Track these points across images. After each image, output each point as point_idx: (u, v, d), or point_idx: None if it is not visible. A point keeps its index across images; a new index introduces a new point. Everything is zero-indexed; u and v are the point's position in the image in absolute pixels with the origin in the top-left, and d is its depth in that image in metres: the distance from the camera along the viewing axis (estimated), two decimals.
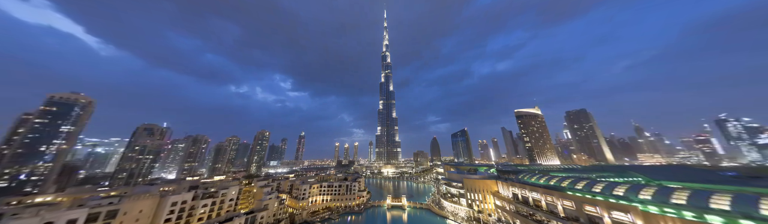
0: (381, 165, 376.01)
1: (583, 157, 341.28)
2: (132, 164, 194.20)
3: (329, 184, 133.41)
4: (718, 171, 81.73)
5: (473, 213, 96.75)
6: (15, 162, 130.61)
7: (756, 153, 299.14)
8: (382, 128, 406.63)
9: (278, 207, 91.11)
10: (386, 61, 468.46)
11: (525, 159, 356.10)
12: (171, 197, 66.63)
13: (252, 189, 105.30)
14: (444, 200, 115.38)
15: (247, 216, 74.11)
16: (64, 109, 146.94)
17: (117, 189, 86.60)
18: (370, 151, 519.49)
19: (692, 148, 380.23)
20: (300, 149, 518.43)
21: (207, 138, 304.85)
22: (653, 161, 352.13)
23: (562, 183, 62.95)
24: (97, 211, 54.33)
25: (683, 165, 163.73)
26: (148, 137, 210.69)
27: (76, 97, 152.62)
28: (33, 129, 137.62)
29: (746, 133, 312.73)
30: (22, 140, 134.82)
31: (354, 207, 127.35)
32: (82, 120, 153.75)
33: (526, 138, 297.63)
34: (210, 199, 76.27)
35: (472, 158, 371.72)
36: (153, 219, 63.70)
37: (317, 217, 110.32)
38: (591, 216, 52.76)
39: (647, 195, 46.56)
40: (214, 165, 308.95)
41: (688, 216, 40.15)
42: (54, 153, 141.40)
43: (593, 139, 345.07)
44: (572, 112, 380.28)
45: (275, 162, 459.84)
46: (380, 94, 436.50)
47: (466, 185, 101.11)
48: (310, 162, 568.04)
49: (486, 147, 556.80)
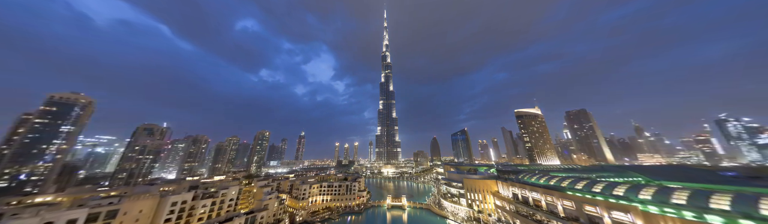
0: (381, 165, 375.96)
1: (583, 157, 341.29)
2: (132, 164, 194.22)
3: (329, 184, 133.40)
4: (718, 171, 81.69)
5: (473, 213, 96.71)
6: (15, 162, 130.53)
7: (756, 153, 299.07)
8: (382, 128, 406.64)
9: (278, 207, 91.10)
10: (386, 61, 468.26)
11: (525, 159, 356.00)
12: (171, 197, 66.61)
13: (252, 189, 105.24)
14: (444, 200, 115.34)
15: (247, 216, 74.08)
16: (64, 109, 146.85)
17: (117, 189, 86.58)
18: (370, 151, 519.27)
19: (692, 148, 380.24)
20: (300, 149, 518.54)
21: (207, 138, 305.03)
22: (653, 161, 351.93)
23: (562, 183, 62.94)
24: (97, 211, 54.32)
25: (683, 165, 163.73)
26: (148, 137, 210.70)
27: (76, 97, 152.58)
28: (33, 129, 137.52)
29: (746, 133, 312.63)
30: (22, 140, 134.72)
31: (354, 207, 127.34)
32: (82, 120, 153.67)
33: (526, 138, 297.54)
34: (210, 199, 76.25)
35: (472, 158, 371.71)
36: (153, 219, 63.67)
37: (317, 217, 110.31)
38: (591, 216, 52.73)
39: (647, 195, 46.56)
40: (214, 165, 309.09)
41: (688, 216, 40.15)
42: (54, 153, 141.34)
43: (593, 139, 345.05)
44: (572, 111, 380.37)
45: (275, 162, 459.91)
46: (380, 93, 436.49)
47: (466, 185, 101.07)
48: (310, 162, 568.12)
49: (486, 147, 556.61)
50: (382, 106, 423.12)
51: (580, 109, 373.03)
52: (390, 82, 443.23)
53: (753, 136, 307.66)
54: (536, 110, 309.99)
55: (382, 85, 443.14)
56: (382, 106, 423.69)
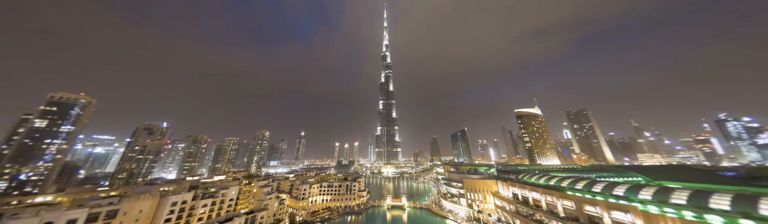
0: (381, 165, 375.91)
1: (583, 157, 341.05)
2: (132, 164, 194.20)
3: (329, 184, 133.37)
4: (718, 171, 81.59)
5: (473, 213, 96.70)
6: (15, 162, 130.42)
7: (756, 153, 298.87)
8: (382, 128, 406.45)
9: (278, 207, 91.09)
10: (386, 60, 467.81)
11: (525, 159, 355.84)
12: (171, 197, 66.53)
13: (252, 189, 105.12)
14: (444, 200, 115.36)
15: (247, 216, 74.05)
16: (64, 109, 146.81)
17: (117, 189, 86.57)
18: (370, 151, 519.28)
19: (692, 148, 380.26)
20: (300, 149, 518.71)
21: (207, 138, 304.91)
22: (653, 161, 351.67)
23: (562, 183, 62.94)
24: (97, 211, 54.25)
25: (683, 165, 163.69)
26: (148, 137, 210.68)
27: (76, 97, 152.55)
28: (33, 129, 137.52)
29: (746, 133, 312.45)
30: (22, 140, 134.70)
31: (354, 207, 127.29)
32: (82, 120, 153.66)
33: (526, 138, 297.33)
34: (210, 199, 76.18)
35: (472, 158, 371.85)
36: (153, 219, 63.60)
37: (317, 217, 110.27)
38: (591, 216, 52.75)
39: (647, 195, 46.56)
40: (214, 165, 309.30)
41: (688, 216, 40.16)
42: (54, 153, 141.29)
43: (593, 139, 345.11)
44: (572, 111, 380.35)
45: (275, 162, 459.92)
46: (380, 93, 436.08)
47: (466, 185, 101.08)
48: (310, 162, 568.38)
49: (486, 147, 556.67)
50: (382, 106, 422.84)
51: (580, 108, 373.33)
52: (390, 82, 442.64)
53: (753, 136, 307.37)
54: (536, 110, 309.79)
55: (382, 85, 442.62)
56: (382, 106, 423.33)
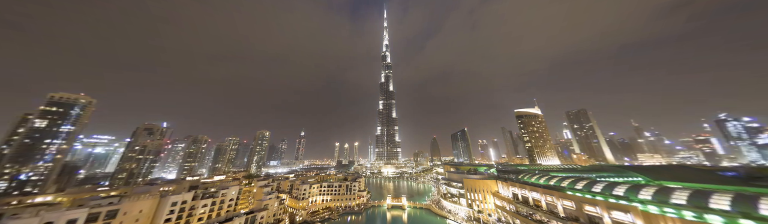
0: (381, 165, 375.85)
1: (583, 157, 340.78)
2: (132, 164, 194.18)
3: (329, 184, 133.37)
4: (718, 171, 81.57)
5: (473, 213, 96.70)
6: (15, 162, 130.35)
7: (756, 153, 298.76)
8: (382, 128, 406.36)
9: (278, 207, 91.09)
10: (386, 60, 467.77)
11: (525, 159, 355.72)
12: (171, 197, 66.54)
13: (252, 189, 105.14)
14: (444, 200, 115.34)
15: (247, 216, 74.06)
16: (64, 109, 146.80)
17: (117, 189, 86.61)
18: (370, 151, 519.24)
19: (692, 148, 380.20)
20: (300, 149, 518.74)
21: (207, 138, 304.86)
22: (653, 161, 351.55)
23: (562, 183, 62.93)
24: (97, 211, 54.24)
25: (683, 165, 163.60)
26: (148, 137, 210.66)
27: (76, 97, 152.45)
28: (33, 129, 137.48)
29: (746, 133, 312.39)
30: (23, 140, 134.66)
31: (354, 207, 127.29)
32: (82, 120, 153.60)
33: (526, 138, 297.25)
34: (210, 199, 76.18)
35: (472, 158, 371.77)
36: (153, 219, 63.61)
37: (317, 217, 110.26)
38: (591, 216, 52.75)
39: (647, 195, 46.55)
40: (214, 165, 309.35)
41: (688, 216, 40.16)
42: (54, 153, 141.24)
43: (593, 139, 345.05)
44: (572, 111, 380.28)
45: (275, 162, 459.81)
46: (380, 93, 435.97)
47: (466, 185, 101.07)
48: (310, 162, 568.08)
49: (486, 147, 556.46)
50: (382, 106, 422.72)
51: (580, 109, 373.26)
52: (390, 81, 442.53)
53: (753, 136, 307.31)
54: (536, 110, 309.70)
55: (382, 85, 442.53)
56: (382, 106, 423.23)
